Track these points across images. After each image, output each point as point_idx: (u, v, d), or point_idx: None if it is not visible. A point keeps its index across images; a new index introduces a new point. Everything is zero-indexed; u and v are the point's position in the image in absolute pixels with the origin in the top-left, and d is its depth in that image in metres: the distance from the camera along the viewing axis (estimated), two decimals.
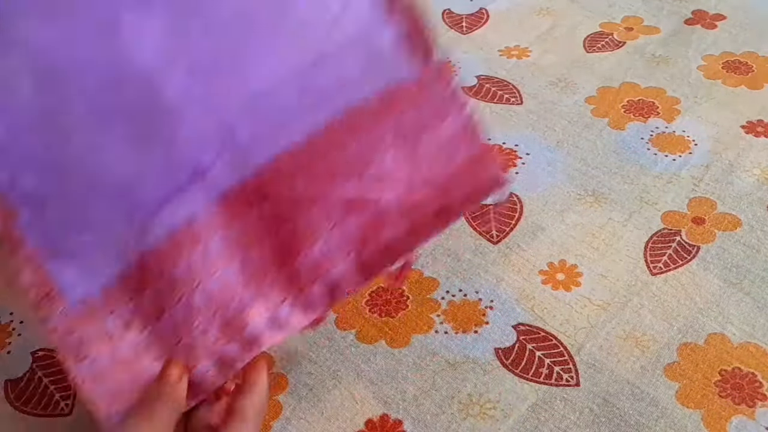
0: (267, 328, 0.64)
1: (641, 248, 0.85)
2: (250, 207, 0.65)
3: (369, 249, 0.66)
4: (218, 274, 0.64)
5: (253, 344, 0.64)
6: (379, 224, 0.65)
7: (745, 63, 1.12)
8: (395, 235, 0.66)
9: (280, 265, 0.65)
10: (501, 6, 1.27)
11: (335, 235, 0.65)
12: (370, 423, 0.70)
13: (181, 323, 0.64)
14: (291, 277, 0.65)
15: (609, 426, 0.69)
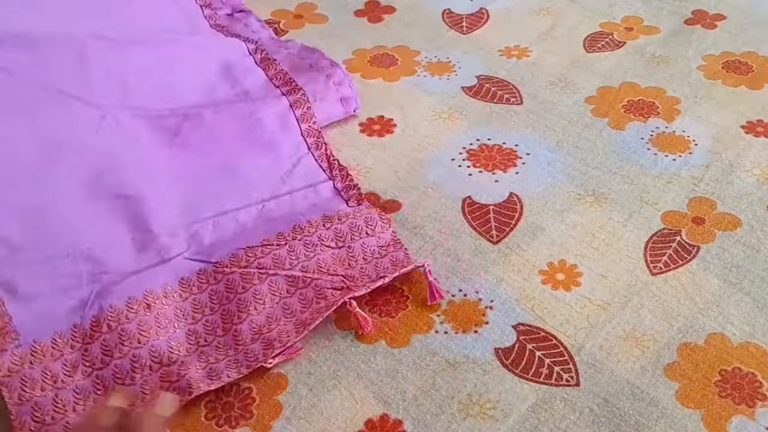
0: (203, 379, 0.72)
1: (641, 248, 0.85)
2: (205, 286, 0.79)
3: (307, 312, 0.78)
4: (166, 336, 0.75)
5: (186, 392, 0.71)
6: (319, 296, 0.79)
7: (745, 63, 1.12)
8: (332, 302, 0.78)
9: (226, 330, 0.77)
10: (501, 6, 1.27)
11: (279, 305, 0.78)
12: (370, 423, 0.70)
13: (124, 373, 0.73)
14: (234, 338, 0.76)
15: (609, 426, 0.69)
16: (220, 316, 0.77)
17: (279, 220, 0.86)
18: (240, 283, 0.78)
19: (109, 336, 0.73)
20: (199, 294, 0.78)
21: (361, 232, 0.83)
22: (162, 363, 0.73)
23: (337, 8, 1.27)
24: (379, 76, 1.12)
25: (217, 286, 0.79)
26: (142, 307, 0.75)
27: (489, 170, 0.95)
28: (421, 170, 0.96)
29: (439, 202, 0.91)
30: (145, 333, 0.74)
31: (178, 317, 0.77)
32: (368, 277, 0.80)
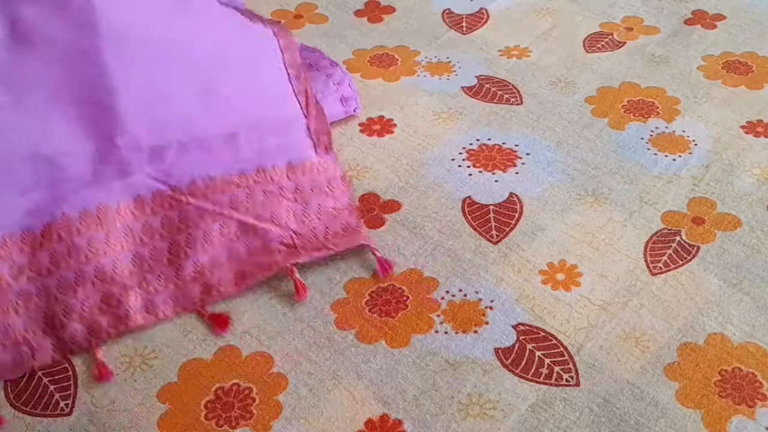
0: (140, 311, 0.75)
1: (641, 248, 0.85)
2: (159, 210, 0.79)
3: (249, 265, 0.79)
4: (112, 256, 0.76)
5: (123, 321, 0.74)
6: (265, 249, 0.80)
7: (745, 63, 1.12)
8: (274, 260, 0.80)
9: (170, 262, 0.78)
10: (501, 6, 1.27)
11: (225, 248, 0.80)
12: (370, 423, 0.70)
13: (67, 285, 0.74)
14: (176, 273, 0.77)
15: (609, 426, 0.69)
16: (167, 245, 0.78)
17: (245, 155, 0.85)
18: (193, 217, 0.79)
19: (58, 246, 0.74)
20: (152, 217, 0.79)
21: (321, 190, 0.84)
22: (105, 281, 0.74)
23: (337, 8, 1.27)
24: (379, 76, 1.12)
25: (171, 213, 0.79)
26: (93, 222, 0.76)
27: (489, 170, 0.95)
28: (421, 170, 0.96)
29: (439, 202, 0.91)
30: (93, 250, 0.75)
31: (127, 237, 0.77)
32: (316, 239, 0.81)
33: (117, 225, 0.77)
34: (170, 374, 0.75)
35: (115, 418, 0.72)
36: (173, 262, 0.77)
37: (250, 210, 0.81)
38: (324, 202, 0.84)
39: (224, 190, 0.80)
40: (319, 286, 0.82)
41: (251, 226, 0.80)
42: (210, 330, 0.78)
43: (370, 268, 0.84)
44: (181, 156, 0.83)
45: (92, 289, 0.74)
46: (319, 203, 0.83)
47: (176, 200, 0.79)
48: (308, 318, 0.79)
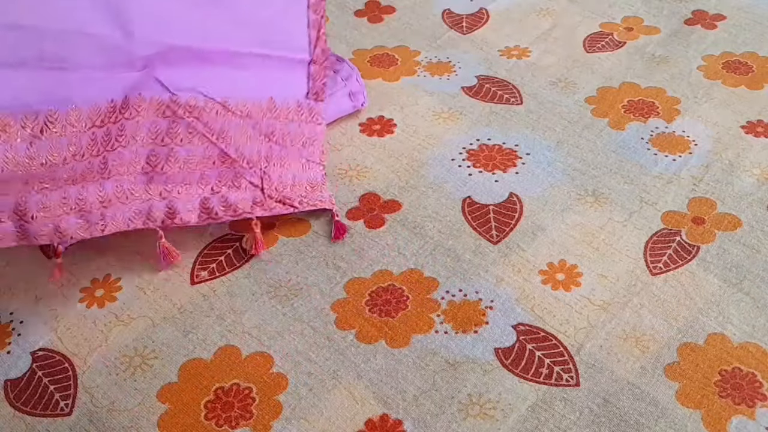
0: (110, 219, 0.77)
1: (641, 248, 0.85)
2: (151, 115, 0.78)
3: (215, 198, 0.82)
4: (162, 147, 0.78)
5: (98, 228, 0.76)
6: (234, 183, 0.83)
7: (745, 63, 1.12)
8: (241, 211, 0.84)
9: (146, 171, 0.79)
10: (501, 6, 1.27)
11: (200, 172, 0.81)
12: (370, 423, 0.70)
13: (114, 165, 0.76)
14: (147, 184, 0.79)
15: (609, 426, 0.69)
16: (148, 151, 0.79)
17: (245, 81, 0.85)
18: (182, 133, 0.80)
19: (60, 140, 0.73)
20: (143, 119, 0.78)
21: (298, 140, 0.85)
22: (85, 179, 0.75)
23: (337, 8, 1.27)
24: (379, 76, 1.12)
25: (162, 121, 0.79)
26: (134, 107, 0.76)
27: (489, 170, 0.95)
28: (421, 170, 0.96)
29: (439, 202, 0.91)
30: (128, 134, 0.76)
31: (134, 134, 0.77)
32: (279, 193, 0.84)
33: (123, 121, 0.76)
34: (170, 374, 0.75)
35: (115, 418, 0.72)
36: (149, 172, 0.78)
37: (233, 143, 0.81)
38: (298, 152, 0.84)
39: (219, 115, 0.80)
40: (319, 286, 0.82)
41: (230, 158, 0.81)
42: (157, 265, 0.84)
43: (370, 268, 0.84)
44: (185, 66, 0.81)
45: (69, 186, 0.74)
46: (294, 152, 0.84)
47: (172, 111, 0.79)
48: (308, 318, 0.79)
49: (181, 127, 0.79)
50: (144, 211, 0.79)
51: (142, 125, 0.78)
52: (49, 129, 0.72)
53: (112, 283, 0.85)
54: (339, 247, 0.87)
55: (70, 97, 0.73)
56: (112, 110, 0.75)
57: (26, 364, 0.77)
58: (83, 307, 0.82)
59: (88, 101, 0.74)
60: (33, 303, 0.83)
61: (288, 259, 0.86)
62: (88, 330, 0.80)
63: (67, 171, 0.74)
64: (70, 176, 0.75)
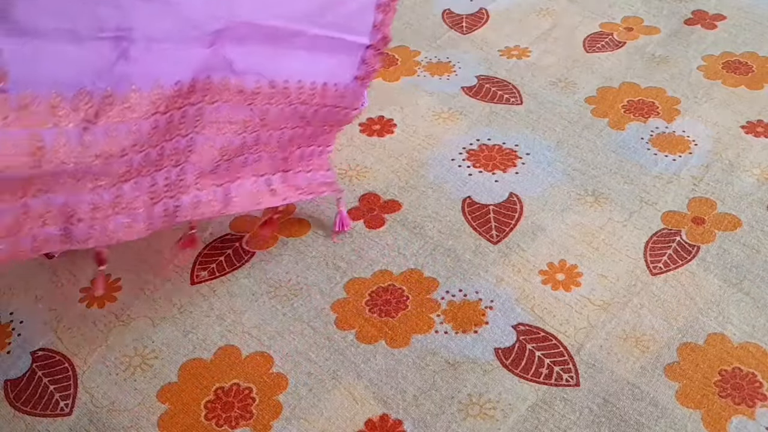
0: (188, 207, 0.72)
1: (641, 248, 0.85)
2: (216, 98, 0.71)
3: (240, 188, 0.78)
4: (219, 135, 0.71)
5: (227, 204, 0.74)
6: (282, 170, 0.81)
7: (745, 63, 1.12)
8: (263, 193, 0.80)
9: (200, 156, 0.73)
10: (501, 6, 1.27)
11: (241, 161, 0.77)
12: (370, 423, 0.70)
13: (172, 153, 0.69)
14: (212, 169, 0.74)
15: (609, 426, 0.69)
16: (206, 138, 0.73)
17: (304, 62, 0.78)
18: (246, 120, 0.75)
19: (118, 127, 0.62)
20: (209, 106, 0.71)
21: (330, 123, 0.83)
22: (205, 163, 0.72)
23: None
24: (379, 76, 1.12)
25: (224, 106, 0.72)
26: (212, 89, 0.69)
27: (489, 170, 0.95)
28: (421, 170, 0.96)
29: (439, 202, 0.91)
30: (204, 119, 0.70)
31: (196, 122, 0.70)
32: (298, 181, 0.82)
33: (230, 99, 0.71)
34: (170, 374, 0.75)
35: (115, 418, 0.72)
36: (209, 162, 0.72)
37: (273, 124, 0.76)
38: (322, 137, 0.82)
39: (276, 100, 0.75)
40: (319, 286, 0.82)
41: (277, 144, 0.77)
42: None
43: (370, 268, 0.84)
44: (251, 44, 0.72)
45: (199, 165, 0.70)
46: (321, 135, 0.81)
47: (240, 96, 0.72)
48: (308, 318, 0.79)
49: (244, 113, 0.73)
50: (193, 203, 0.72)
51: (206, 111, 0.70)
52: (105, 113, 0.61)
53: (112, 283, 0.85)
54: (339, 247, 0.87)
55: (129, 74, 0.62)
56: (177, 94, 0.65)
57: (26, 364, 0.77)
58: (83, 307, 0.82)
59: (150, 81, 0.63)
60: (33, 303, 0.83)
61: (288, 259, 0.86)
62: (88, 330, 0.80)
63: (124, 164, 0.64)
64: (127, 170, 0.66)
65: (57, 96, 0.58)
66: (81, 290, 0.84)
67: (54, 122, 0.58)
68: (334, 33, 0.81)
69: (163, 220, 0.71)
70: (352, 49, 0.83)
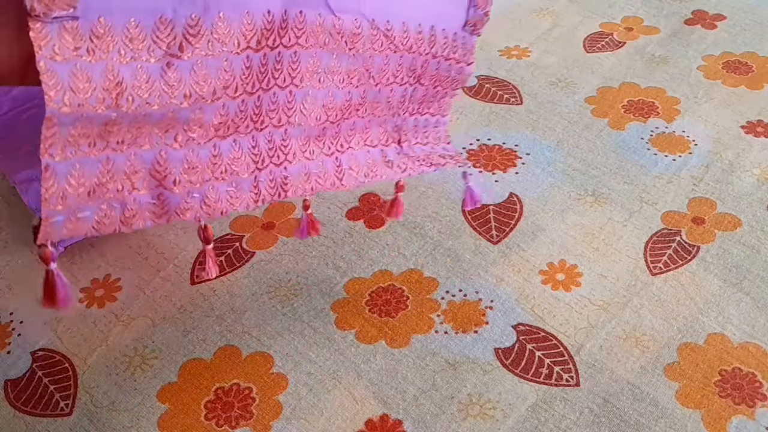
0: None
1: (641, 248, 0.85)
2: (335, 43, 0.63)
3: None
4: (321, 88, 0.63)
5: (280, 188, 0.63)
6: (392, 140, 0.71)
7: (745, 63, 1.12)
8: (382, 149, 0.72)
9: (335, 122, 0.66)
10: (501, 6, 1.27)
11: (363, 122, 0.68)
12: (370, 423, 0.70)
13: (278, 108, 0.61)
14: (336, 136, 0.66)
15: (609, 426, 0.69)
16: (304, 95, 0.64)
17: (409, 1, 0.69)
18: (345, 70, 0.65)
19: (206, 61, 0.54)
20: (303, 51, 0.62)
21: (444, 83, 0.73)
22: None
23: None
24: None
25: (325, 54, 0.63)
26: (313, 32, 0.59)
27: (489, 170, 0.95)
28: None
29: (439, 202, 0.91)
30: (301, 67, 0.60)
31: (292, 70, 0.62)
32: (413, 149, 0.73)
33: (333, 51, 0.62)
34: (170, 374, 0.75)
35: (115, 418, 0.72)
36: (318, 124, 0.64)
37: (380, 77, 0.66)
38: (437, 101, 0.72)
39: (381, 47, 0.65)
40: (319, 286, 0.82)
41: (387, 104, 0.67)
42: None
43: (370, 268, 0.84)
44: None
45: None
46: (435, 98, 0.71)
47: (335, 41, 0.62)
48: (308, 318, 0.79)
49: (346, 62, 0.63)
50: (303, 174, 0.63)
51: (302, 57, 0.60)
52: (191, 45, 0.53)
53: (112, 283, 0.85)
54: (339, 247, 0.87)
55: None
56: (269, 27, 0.57)
57: (26, 364, 0.77)
58: (83, 307, 0.82)
59: (239, 7, 0.55)
60: (33, 303, 0.83)
61: (288, 259, 0.86)
62: (88, 330, 0.80)
63: (217, 113, 0.57)
64: (223, 122, 0.58)
65: (135, 24, 0.51)
66: (81, 290, 0.84)
67: (132, 55, 0.51)
68: None
69: (271, 192, 0.63)
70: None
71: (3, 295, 0.85)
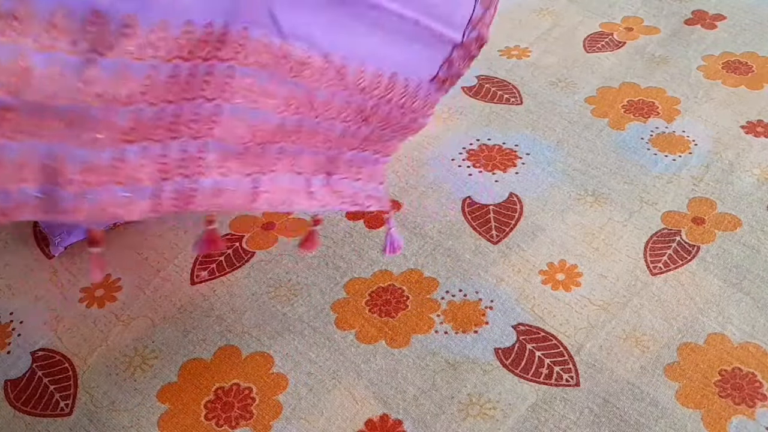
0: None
1: (641, 248, 0.85)
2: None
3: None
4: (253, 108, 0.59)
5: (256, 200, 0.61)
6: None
7: (745, 63, 1.12)
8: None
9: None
10: (501, 6, 1.26)
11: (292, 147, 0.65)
12: (370, 423, 0.70)
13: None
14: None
15: (609, 426, 0.69)
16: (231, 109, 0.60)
17: (375, 43, 0.65)
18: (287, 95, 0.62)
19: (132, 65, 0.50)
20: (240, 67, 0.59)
21: (393, 128, 0.70)
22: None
23: None
24: None
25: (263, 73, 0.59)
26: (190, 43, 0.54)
27: (489, 170, 0.95)
28: (421, 170, 0.96)
29: (439, 202, 0.91)
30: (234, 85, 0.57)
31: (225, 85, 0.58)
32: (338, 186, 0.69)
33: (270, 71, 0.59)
34: (170, 374, 0.75)
35: (115, 418, 0.72)
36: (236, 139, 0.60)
37: (322, 111, 0.63)
38: (381, 143, 0.69)
39: (328, 82, 0.62)
40: (319, 286, 0.82)
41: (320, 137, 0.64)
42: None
43: (370, 268, 0.84)
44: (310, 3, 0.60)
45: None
46: (379, 140, 0.69)
47: (277, 63, 0.58)
48: (308, 318, 0.79)
49: (287, 88, 0.59)
50: (214, 189, 0.60)
51: (238, 74, 0.57)
52: (120, 45, 0.49)
53: (112, 283, 0.85)
54: (339, 247, 0.87)
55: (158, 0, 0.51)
56: (206, 38, 0.54)
57: (26, 364, 0.77)
58: (83, 307, 0.82)
59: (181, 12, 0.51)
60: (33, 303, 0.83)
61: (288, 259, 0.86)
62: (88, 330, 0.80)
63: (130, 117, 0.53)
64: (134, 127, 0.54)
65: (63, 13, 0.47)
66: (81, 290, 0.84)
67: (51, 44, 0.47)
68: (420, 16, 0.67)
69: (173, 203, 0.59)
70: (438, 43, 0.70)
71: (3, 295, 0.85)
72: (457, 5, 0.70)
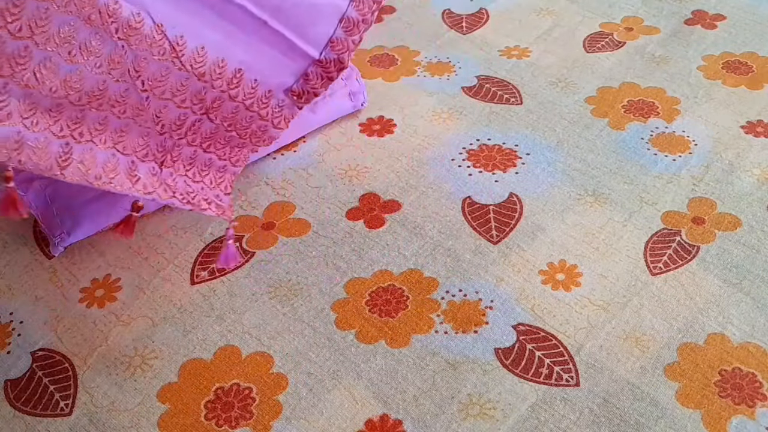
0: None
1: (641, 248, 0.85)
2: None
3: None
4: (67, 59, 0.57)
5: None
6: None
7: (745, 63, 1.12)
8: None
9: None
10: (501, 6, 1.27)
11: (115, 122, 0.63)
12: (370, 423, 0.70)
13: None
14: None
15: (609, 426, 0.69)
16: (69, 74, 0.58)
17: (231, 40, 0.66)
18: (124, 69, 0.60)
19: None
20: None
21: (241, 132, 0.71)
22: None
23: None
24: (378, 76, 1.12)
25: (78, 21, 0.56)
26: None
27: (489, 170, 0.95)
28: (421, 170, 0.96)
29: (439, 202, 0.91)
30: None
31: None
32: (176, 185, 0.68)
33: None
34: (170, 374, 0.75)
35: (115, 418, 0.72)
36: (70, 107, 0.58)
37: (151, 82, 0.62)
38: (229, 147, 0.70)
39: (161, 54, 0.61)
40: (319, 286, 0.82)
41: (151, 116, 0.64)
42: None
43: (370, 268, 0.84)
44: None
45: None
46: (225, 142, 0.70)
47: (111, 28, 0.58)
48: (308, 318, 0.79)
49: (108, 46, 0.58)
50: (15, 140, 0.55)
51: (52, 16, 0.54)
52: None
53: (112, 283, 0.85)
54: (339, 247, 0.87)
55: None
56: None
57: (26, 364, 0.77)
58: (83, 307, 0.82)
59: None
60: (33, 303, 0.84)
61: (288, 259, 0.86)
62: (88, 330, 0.80)
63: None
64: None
65: None
66: (81, 290, 0.84)
67: None
68: (270, 19, 0.68)
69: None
70: (292, 53, 0.71)
71: (3, 295, 0.85)
72: (315, 21, 0.70)
